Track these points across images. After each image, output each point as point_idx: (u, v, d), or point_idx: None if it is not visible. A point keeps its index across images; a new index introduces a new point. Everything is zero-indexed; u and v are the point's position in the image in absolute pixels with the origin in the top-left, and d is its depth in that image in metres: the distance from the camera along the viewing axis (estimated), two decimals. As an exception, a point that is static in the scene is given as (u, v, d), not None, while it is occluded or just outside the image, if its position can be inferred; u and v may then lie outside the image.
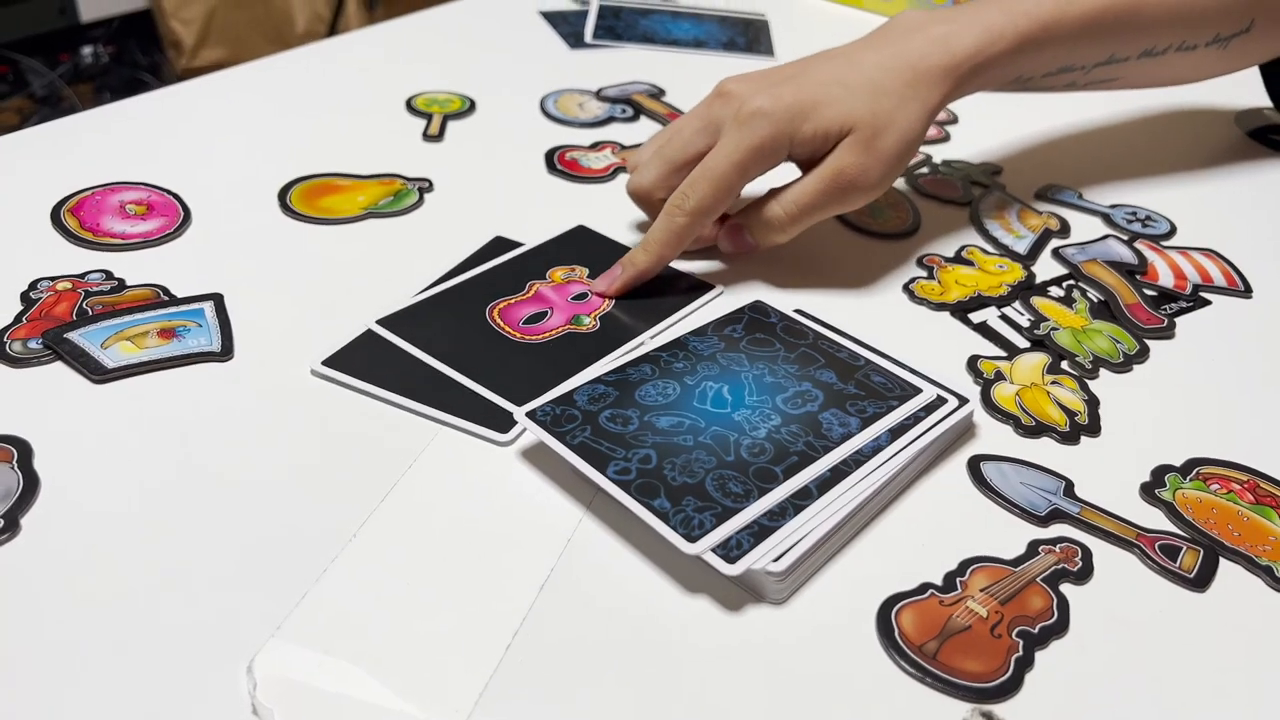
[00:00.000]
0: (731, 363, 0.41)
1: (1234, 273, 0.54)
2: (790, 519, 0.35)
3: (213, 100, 0.65)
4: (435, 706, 0.30)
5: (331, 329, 0.44)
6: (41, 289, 0.46)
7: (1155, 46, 0.55)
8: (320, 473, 0.38)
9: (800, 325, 0.44)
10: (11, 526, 0.35)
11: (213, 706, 0.30)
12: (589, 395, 0.39)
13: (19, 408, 0.40)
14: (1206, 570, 0.36)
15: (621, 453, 0.36)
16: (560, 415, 0.38)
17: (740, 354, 0.42)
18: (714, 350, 0.42)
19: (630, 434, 0.37)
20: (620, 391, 0.39)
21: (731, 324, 0.44)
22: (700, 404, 0.39)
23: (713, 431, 0.37)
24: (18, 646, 0.31)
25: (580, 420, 0.37)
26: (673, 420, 0.38)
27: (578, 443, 0.36)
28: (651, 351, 0.41)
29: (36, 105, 1.98)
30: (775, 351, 0.42)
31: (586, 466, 0.36)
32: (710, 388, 0.39)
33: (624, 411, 0.38)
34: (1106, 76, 0.57)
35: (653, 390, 0.39)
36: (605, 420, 0.37)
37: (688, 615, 0.34)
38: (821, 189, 0.47)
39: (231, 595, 0.33)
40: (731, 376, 0.40)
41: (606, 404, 0.38)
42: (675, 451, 0.36)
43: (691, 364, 0.41)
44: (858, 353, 0.43)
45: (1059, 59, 0.53)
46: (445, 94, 0.67)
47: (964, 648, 0.33)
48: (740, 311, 0.45)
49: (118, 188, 0.54)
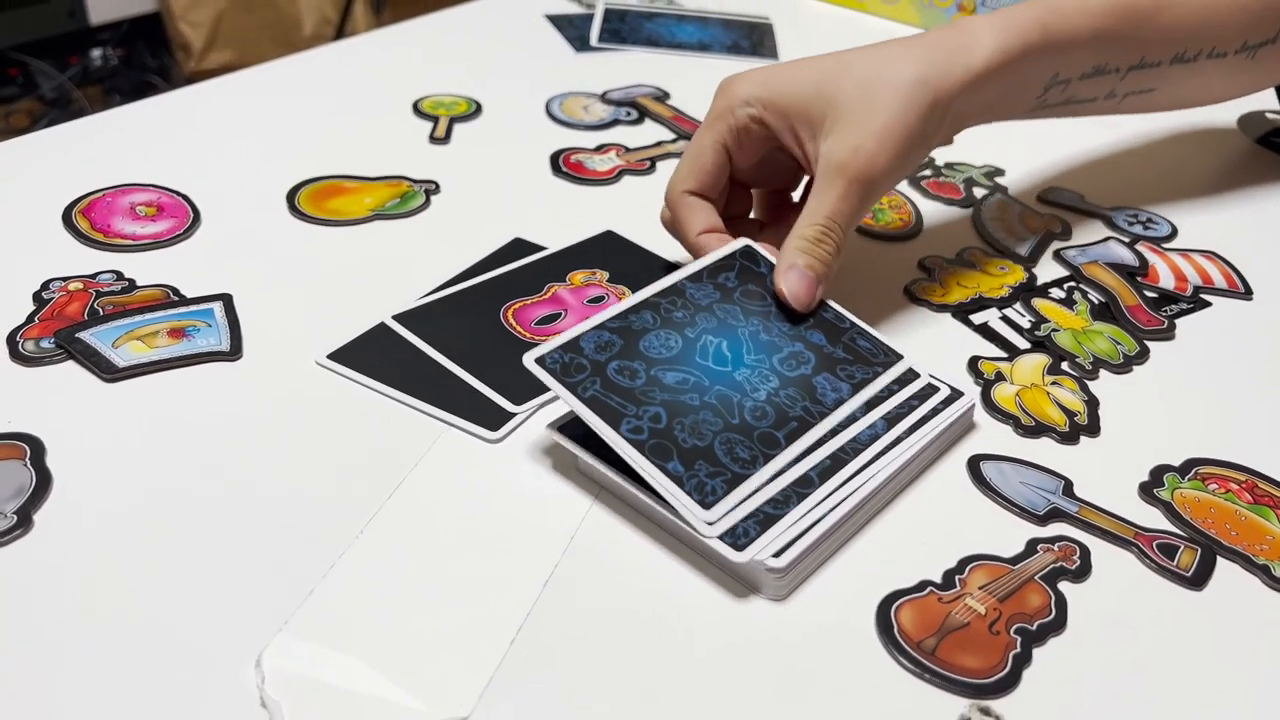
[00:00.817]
0: (728, 315, 0.41)
1: (1235, 275, 0.54)
2: (794, 506, 0.35)
3: (221, 103, 0.66)
4: (440, 702, 0.31)
5: (339, 329, 0.45)
6: (53, 289, 0.46)
7: (1186, 51, 0.55)
8: (327, 470, 0.39)
9: None
10: (25, 523, 0.35)
11: (221, 700, 0.30)
12: (595, 343, 0.38)
13: (31, 406, 0.40)
14: (1204, 569, 0.37)
15: (632, 409, 0.36)
16: (569, 364, 0.37)
17: (735, 306, 0.42)
18: (710, 300, 0.41)
19: (639, 389, 0.37)
20: (624, 340, 0.39)
21: (724, 271, 0.43)
22: (703, 360, 0.39)
23: (716, 391, 0.38)
24: (32, 639, 0.32)
25: (589, 371, 0.37)
26: (678, 377, 0.38)
27: (589, 395, 0.36)
28: (650, 297, 0.41)
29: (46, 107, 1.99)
30: (768, 306, 0.42)
31: (600, 423, 0.35)
32: (710, 342, 0.39)
33: (630, 364, 0.38)
34: (1142, 86, 0.55)
35: (656, 342, 0.39)
36: (614, 372, 0.37)
37: (690, 611, 0.34)
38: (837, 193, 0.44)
39: (240, 590, 0.34)
40: (729, 331, 0.40)
41: (613, 354, 0.38)
42: (683, 411, 0.37)
43: (690, 314, 0.41)
44: (841, 313, 0.43)
45: (1090, 56, 0.51)
46: (451, 97, 0.68)
47: (962, 644, 0.33)
48: (731, 257, 0.44)
49: (128, 189, 0.55)
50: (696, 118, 0.68)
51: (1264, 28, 0.56)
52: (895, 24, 0.86)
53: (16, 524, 0.35)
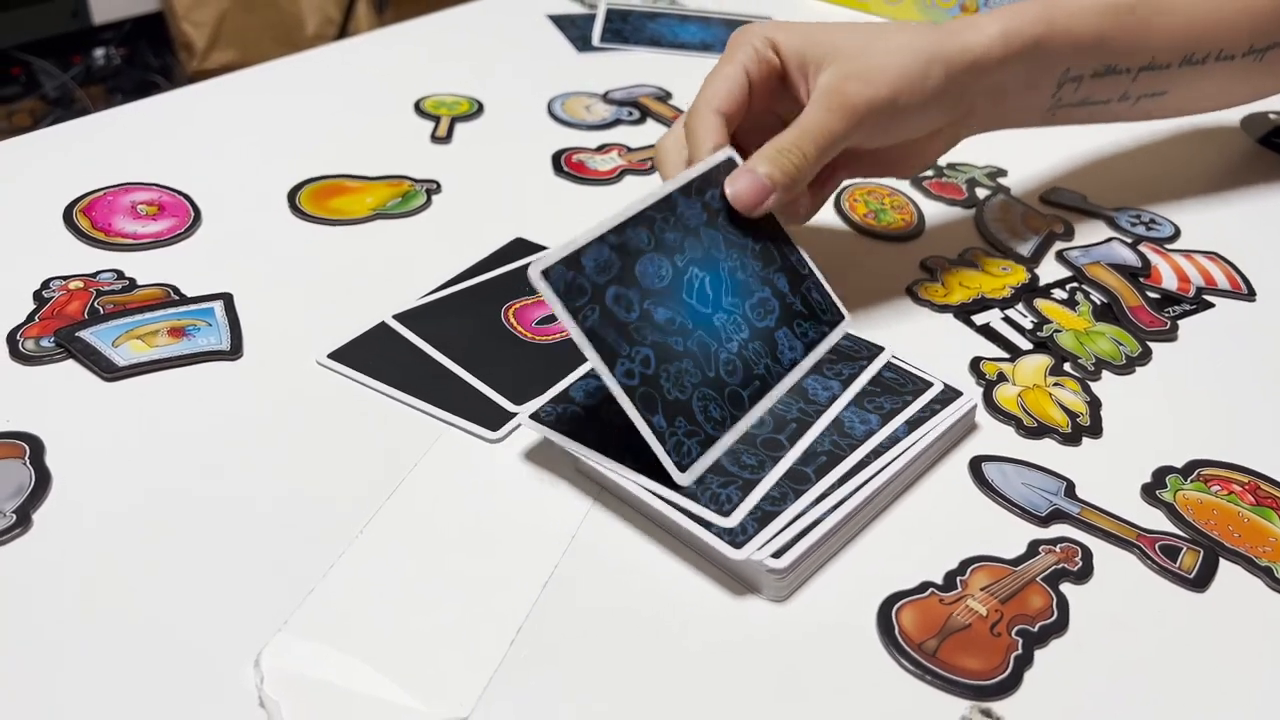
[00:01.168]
0: (712, 244, 0.42)
1: (1238, 276, 0.54)
2: (791, 503, 0.35)
3: (223, 102, 0.66)
4: (440, 701, 0.31)
5: (339, 329, 0.45)
6: (54, 288, 0.46)
7: (1195, 54, 0.55)
8: (327, 469, 0.38)
9: None
10: (24, 521, 0.35)
11: (220, 699, 0.30)
12: (595, 261, 0.38)
13: (31, 405, 0.40)
14: (1206, 571, 0.37)
15: (626, 349, 0.37)
16: (571, 283, 0.37)
17: (718, 233, 0.42)
18: (697, 222, 0.42)
19: (633, 325, 0.37)
20: (622, 261, 0.38)
21: (711, 187, 0.43)
22: (688, 297, 0.40)
23: (697, 337, 0.39)
24: (31, 638, 0.32)
25: (589, 296, 0.37)
26: (667, 315, 0.39)
27: (588, 325, 0.36)
28: (645, 210, 0.40)
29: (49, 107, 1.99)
30: (745, 240, 0.43)
31: (598, 360, 0.36)
32: (696, 276, 0.40)
33: (626, 292, 0.38)
34: (1154, 88, 0.55)
35: (650, 268, 0.39)
36: (611, 301, 0.37)
37: (690, 612, 0.34)
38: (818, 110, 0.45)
39: (239, 589, 0.34)
40: (711, 266, 0.41)
41: (611, 276, 0.38)
42: (669, 356, 0.38)
43: (680, 237, 0.41)
44: (804, 258, 0.45)
45: (1097, 54, 0.51)
46: (453, 96, 0.68)
47: (964, 646, 0.33)
48: (717, 169, 0.43)
49: (129, 188, 0.55)
50: (698, 118, 0.67)
51: (1271, 30, 0.56)
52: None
53: (16, 523, 0.35)
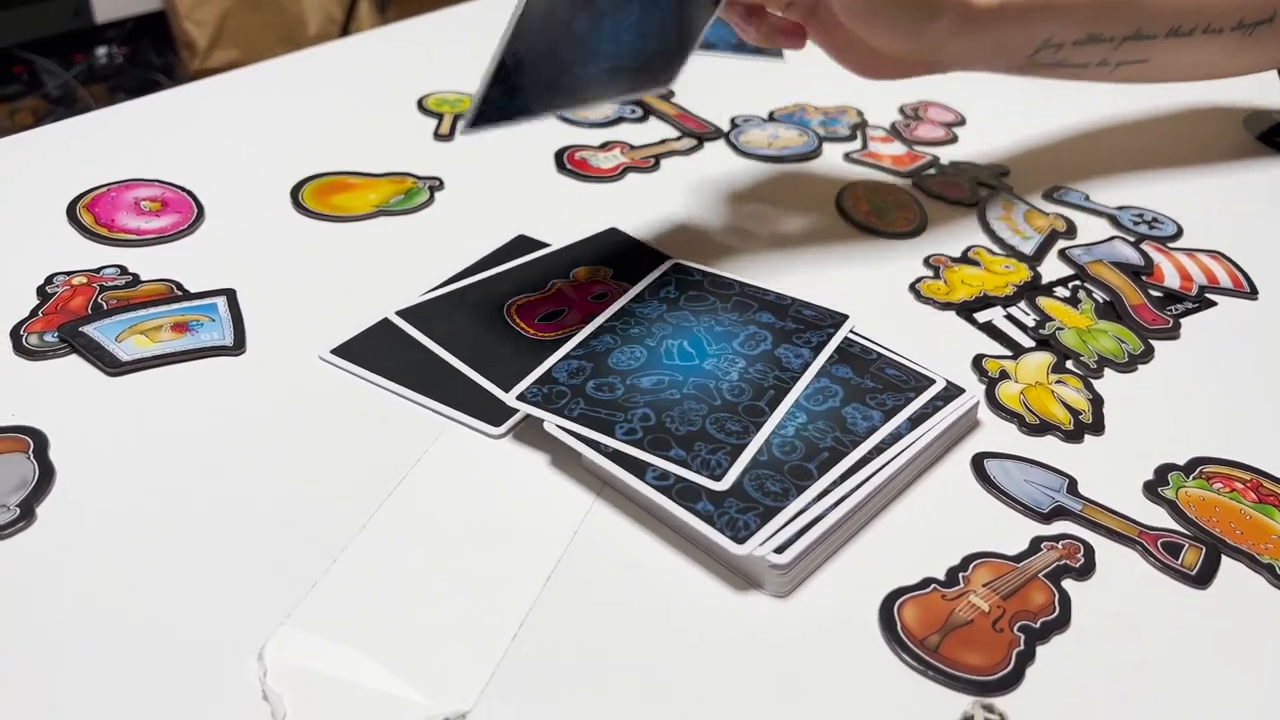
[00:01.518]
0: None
1: (1240, 275, 0.54)
2: (794, 499, 0.35)
3: (226, 99, 0.66)
4: (442, 695, 0.31)
5: (342, 324, 0.45)
6: (57, 283, 0.46)
7: (1182, 25, 0.55)
8: (330, 464, 0.39)
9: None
10: (27, 515, 0.35)
11: (223, 693, 0.30)
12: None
13: (35, 399, 0.40)
14: (1208, 568, 0.37)
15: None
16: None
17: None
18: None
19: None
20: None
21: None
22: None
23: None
24: (34, 632, 0.32)
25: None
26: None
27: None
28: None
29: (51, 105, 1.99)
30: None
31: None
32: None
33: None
34: (1136, 56, 0.56)
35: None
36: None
37: (692, 607, 0.34)
38: None
39: (242, 584, 0.34)
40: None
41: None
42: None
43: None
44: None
45: (1086, 22, 0.52)
46: (456, 94, 0.68)
47: (966, 641, 0.33)
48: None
49: (132, 185, 0.55)
50: (701, 116, 0.68)
51: (1260, 7, 0.56)
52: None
53: (19, 516, 0.35)
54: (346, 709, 0.30)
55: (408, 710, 0.30)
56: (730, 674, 0.32)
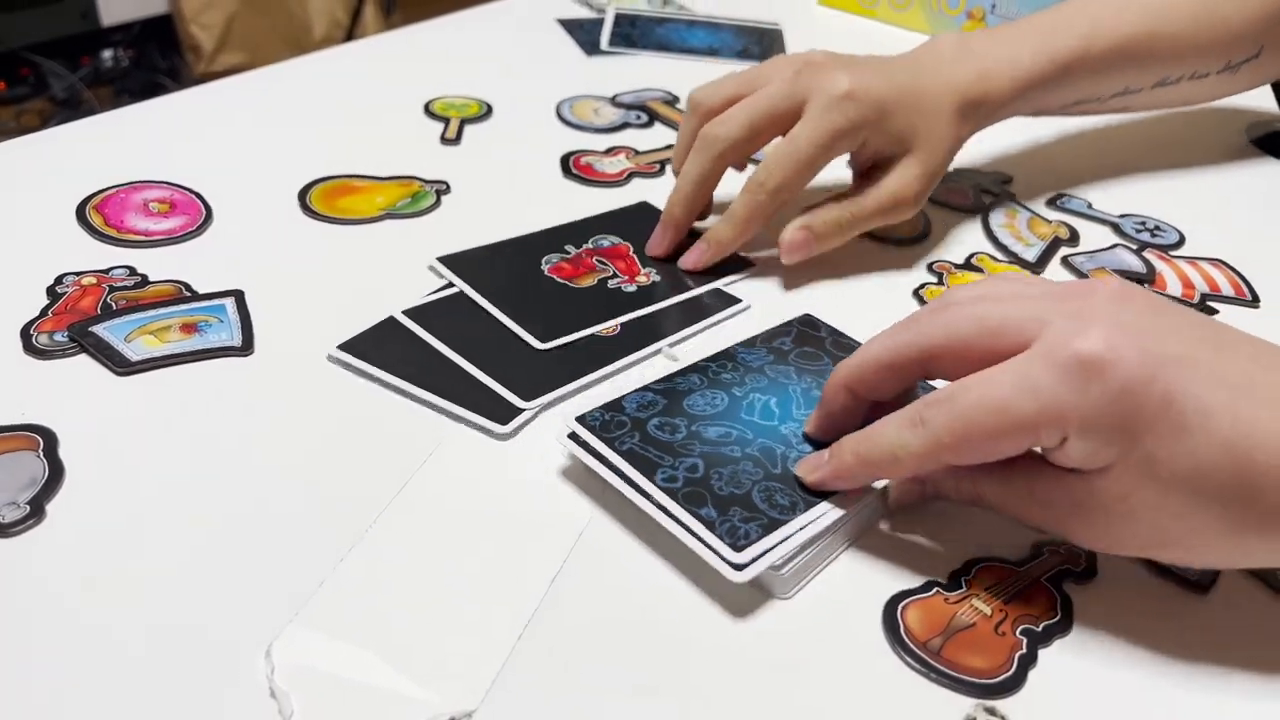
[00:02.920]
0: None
1: (1242, 282, 0.55)
2: (800, 513, 0.35)
3: (234, 102, 0.66)
4: (448, 693, 0.31)
5: (349, 326, 0.45)
6: (67, 283, 0.47)
7: (1169, 77, 0.56)
8: (337, 464, 0.39)
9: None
10: (37, 513, 0.35)
11: (231, 690, 0.30)
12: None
13: (45, 398, 0.41)
14: (1210, 574, 0.37)
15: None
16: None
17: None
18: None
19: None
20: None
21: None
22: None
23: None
24: (43, 629, 0.32)
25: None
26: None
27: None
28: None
29: (57, 108, 2.00)
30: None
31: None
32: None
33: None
34: (1120, 106, 0.59)
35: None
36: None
37: (697, 608, 0.34)
38: (878, 206, 0.50)
39: (250, 582, 0.34)
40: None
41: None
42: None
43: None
44: None
45: (1077, 93, 0.55)
46: (463, 98, 0.68)
47: (968, 645, 0.33)
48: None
49: (141, 186, 0.55)
50: (706, 122, 0.68)
51: (1246, 45, 0.57)
52: (905, 31, 0.86)
53: (30, 514, 0.35)
54: (353, 707, 0.30)
55: (414, 708, 0.30)
56: (734, 674, 0.32)
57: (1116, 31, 0.54)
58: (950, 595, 0.35)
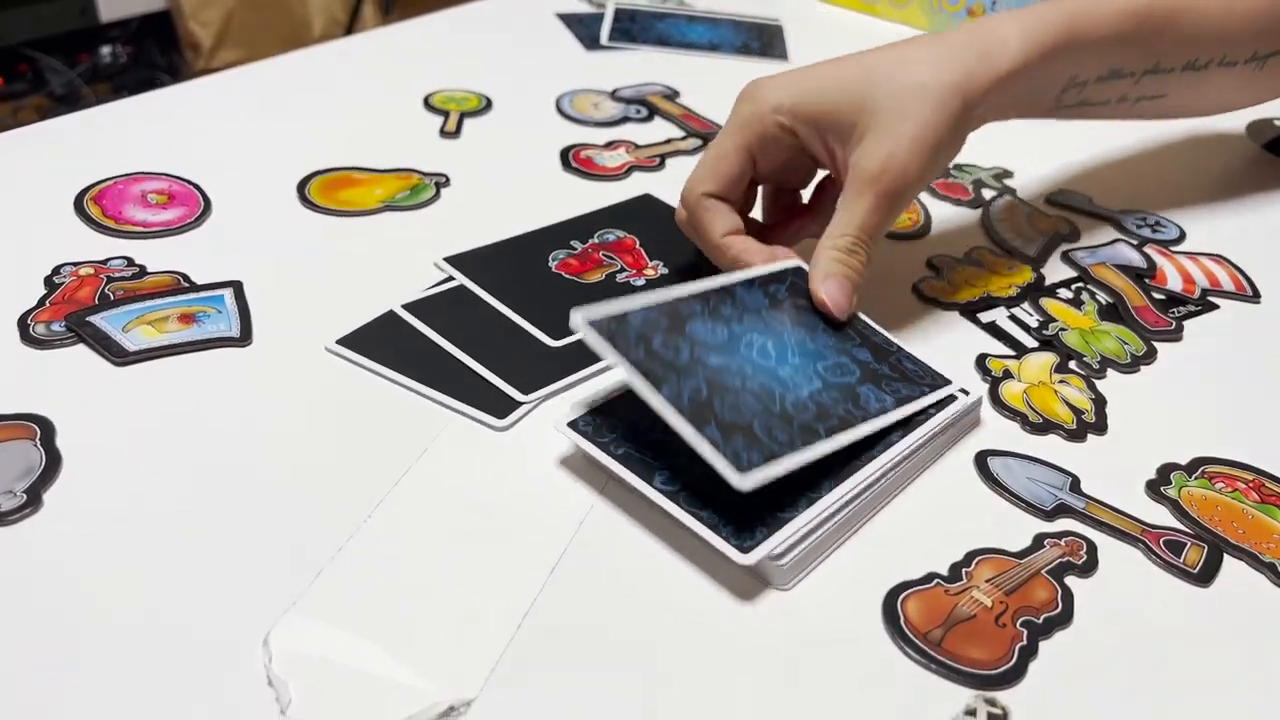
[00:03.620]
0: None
1: (1243, 278, 0.54)
2: (803, 510, 0.35)
3: (234, 95, 0.66)
4: (447, 682, 0.31)
5: (348, 318, 0.45)
6: (64, 274, 0.47)
7: (1199, 59, 0.55)
8: (336, 454, 0.39)
9: None
10: (34, 501, 0.35)
11: (229, 679, 0.30)
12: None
13: (42, 388, 0.40)
14: (1210, 566, 0.37)
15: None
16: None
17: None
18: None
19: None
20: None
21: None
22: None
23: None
24: (40, 617, 0.32)
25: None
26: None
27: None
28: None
29: (55, 103, 1.99)
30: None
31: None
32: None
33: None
34: (1154, 91, 0.55)
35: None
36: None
37: (696, 599, 0.34)
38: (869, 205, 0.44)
39: (248, 571, 0.34)
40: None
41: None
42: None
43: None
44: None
45: (1107, 59, 0.51)
46: (462, 92, 0.68)
47: (969, 636, 0.33)
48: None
49: (139, 177, 0.55)
50: (706, 116, 0.68)
51: (1274, 37, 0.57)
52: (905, 27, 0.86)
53: (26, 502, 0.35)
54: (351, 696, 0.30)
55: (413, 697, 0.30)
56: (734, 665, 0.32)
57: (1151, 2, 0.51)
58: (951, 587, 0.35)
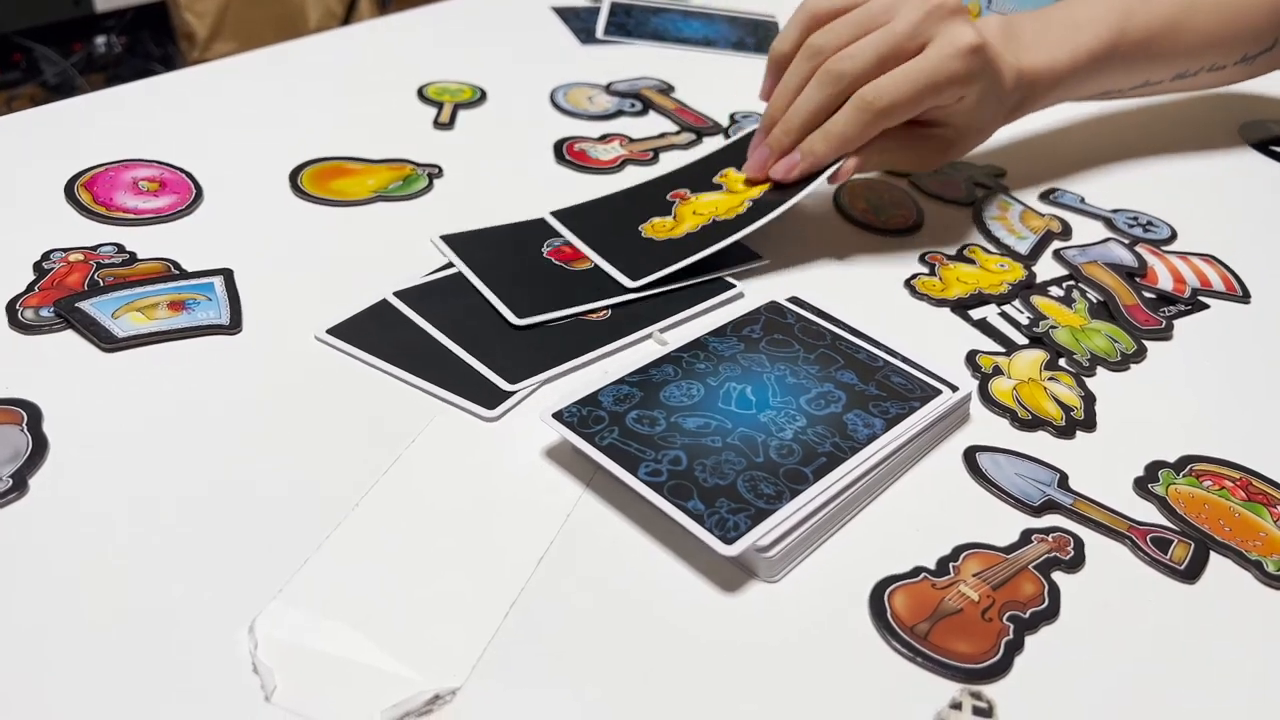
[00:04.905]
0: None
1: (1233, 278, 0.55)
2: (787, 502, 0.35)
3: (227, 83, 0.66)
4: (433, 671, 0.31)
5: (338, 307, 0.45)
6: (54, 259, 0.46)
7: (1188, 70, 0.57)
8: (323, 443, 0.39)
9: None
10: (20, 486, 0.35)
11: (214, 665, 0.30)
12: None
13: (30, 373, 0.40)
14: (1197, 563, 0.37)
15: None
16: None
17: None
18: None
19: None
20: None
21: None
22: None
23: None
24: (24, 602, 0.32)
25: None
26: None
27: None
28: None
29: (49, 94, 1.98)
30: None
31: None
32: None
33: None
34: (1139, 95, 0.61)
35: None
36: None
37: (683, 591, 0.34)
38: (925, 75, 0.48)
39: (234, 559, 0.34)
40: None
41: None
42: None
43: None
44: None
45: (1103, 85, 0.57)
46: (457, 84, 0.68)
47: (955, 630, 0.33)
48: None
49: (131, 165, 0.55)
50: (700, 111, 0.68)
51: (1263, 38, 0.58)
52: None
53: (12, 487, 0.35)
54: (336, 683, 0.30)
55: (398, 685, 0.30)
56: (720, 658, 0.32)
57: (1147, 25, 0.56)
58: (938, 581, 0.35)
